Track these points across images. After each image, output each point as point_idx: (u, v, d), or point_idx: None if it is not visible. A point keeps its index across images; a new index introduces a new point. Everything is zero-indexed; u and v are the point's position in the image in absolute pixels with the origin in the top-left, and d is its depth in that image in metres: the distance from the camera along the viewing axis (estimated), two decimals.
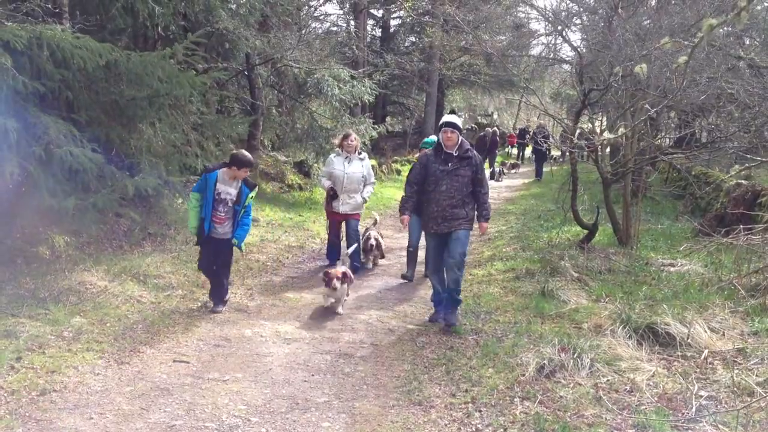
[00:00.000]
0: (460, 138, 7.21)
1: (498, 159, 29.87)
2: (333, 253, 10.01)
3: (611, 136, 5.98)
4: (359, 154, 10.01)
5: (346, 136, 9.95)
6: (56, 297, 7.04)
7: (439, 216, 7.14)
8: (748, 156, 7.37)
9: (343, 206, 9.80)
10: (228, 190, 7.29)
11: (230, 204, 7.31)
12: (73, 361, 5.71)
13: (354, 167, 9.84)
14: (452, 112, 8.23)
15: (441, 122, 7.21)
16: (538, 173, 24.88)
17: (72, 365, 5.63)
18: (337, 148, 10.05)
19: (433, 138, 9.21)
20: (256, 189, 7.51)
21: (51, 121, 7.14)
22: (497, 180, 24.50)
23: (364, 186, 10.00)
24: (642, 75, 3.45)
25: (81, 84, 7.89)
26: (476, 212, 7.37)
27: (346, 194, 9.78)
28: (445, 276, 7.32)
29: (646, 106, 8.01)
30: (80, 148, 7.20)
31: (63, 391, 5.14)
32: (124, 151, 8.89)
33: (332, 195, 9.79)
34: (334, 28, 27.32)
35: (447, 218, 7.11)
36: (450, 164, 7.11)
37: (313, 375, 5.91)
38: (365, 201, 10.11)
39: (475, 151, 7.29)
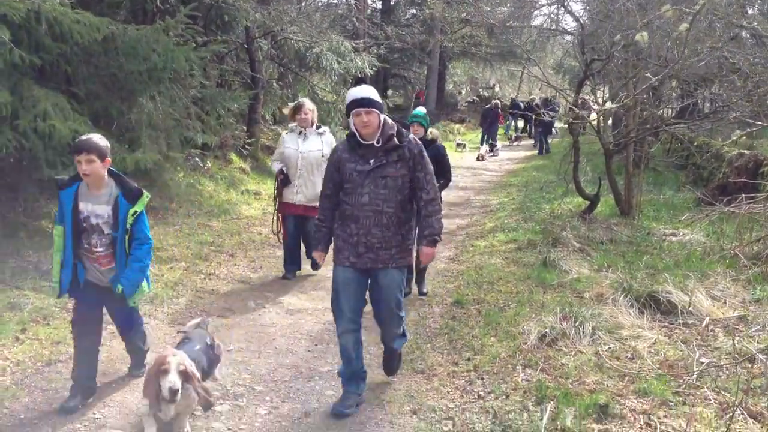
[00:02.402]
0: (383, 118, 4.63)
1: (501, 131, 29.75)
2: (292, 263, 7.99)
3: (613, 105, 5.93)
4: (318, 128, 7.83)
5: (298, 108, 7.78)
6: None
7: (361, 242, 4.60)
8: (750, 121, 7.34)
9: (297, 195, 7.70)
10: (96, 210, 4.45)
11: (107, 231, 4.48)
12: None
13: (311, 144, 7.70)
14: (360, 80, 4.98)
15: (348, 99, 4.64)
16: (541, 149, 23.66)
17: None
18: (291, 124, 8.00)
19: (422, 110, 7.55)
20: (144, 199, 4.50)
21: (49, 94, 7.13)
22: (494, 155, 24.00)
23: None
24: (643, 43, 3.43)
25: (79, 58, 7.85)
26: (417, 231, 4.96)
27: (301, 179, 7.68)
28: (381, 332, 5.08)
29: (648, 74, 7.95)
30: (71, 121, 7.16)
31: (68, 361, 5.16)
32: (124, 125, 8.88)
33: (283, 180, 7.73)
34: (334, 0, 27.11)
35: (372, 247, 4.60)
36: (372, 161, 4.58)
37: (316, 345, 5.95)
38: None
39: (411, 136, 4.79)
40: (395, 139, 4.61)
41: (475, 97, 39.77)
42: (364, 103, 4.52)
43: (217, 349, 4.68)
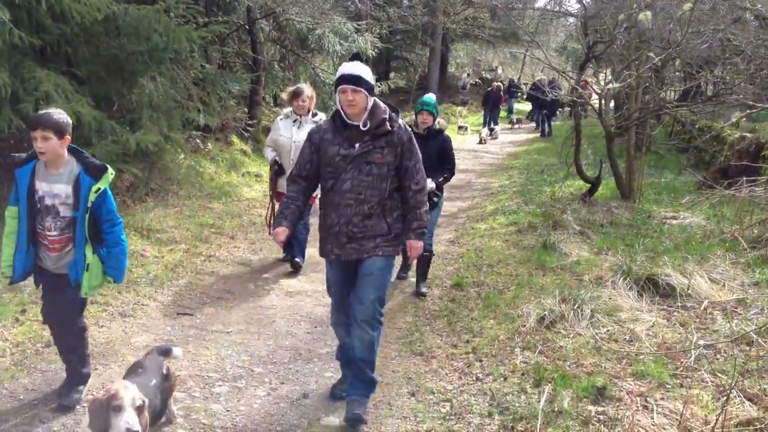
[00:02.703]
0: (372, 100, 4.28)
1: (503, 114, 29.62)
2: (290, 250, 7.52)
3: (616, 85, 5.89)
4: (314, 116, 7.37)
5: (296, 94, 7.29)
6: None
7: (342, 232, 4.28)
8: (751, 103, 7.31)
9: None
10: (53, 190, 4.08)
11: (64, 212, 4.12)
12: None
13: (305, 133, 6.57)
14: (356, 56, 4.40)
15: (337, 74, 4.34)
16: (543, 131, 23.46)
17: None
18: (287, 109, 7.59)
19: (432, 97, 7.02)
20: (109, 175, 4.09)
21: (46, 75, 7.10)
22: (494, 138, 23.59)
23: None
24: (647, 22, 3.41)
25: (80, 38, 7.82)
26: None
27: None
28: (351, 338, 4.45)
29: (650, 54, 7.91)
30: (73, 103, 7.15)
31: None
32: (125, 106, 8.86)
33: (277, 170, 7.37)
34: None
35: (355, 236, 4.28)
36: (357, 145, 4.24)
37: (315, 327, 5.97)
38: None
39: (401, 121, 4.42)
40: (387, 124, 4.26)
41: (477, 80, 39.58)
42: (352, 80, 4.19)
43: (171, 379, 3.99)
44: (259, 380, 4.86)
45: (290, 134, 7.23)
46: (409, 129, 4.41)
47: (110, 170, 4.10)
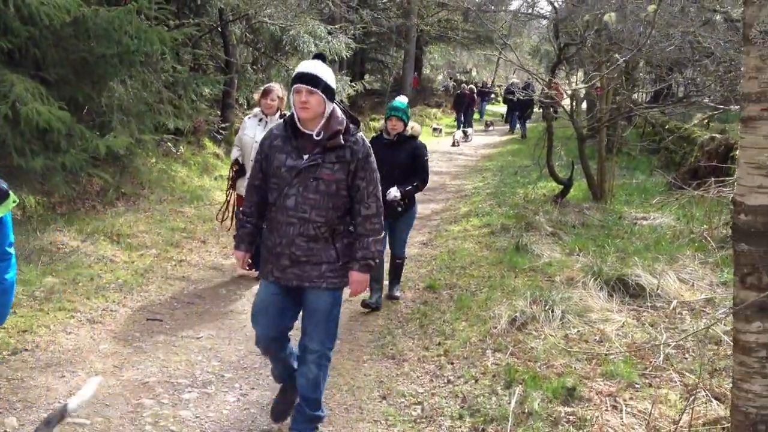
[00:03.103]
0: (331, 107, 3.79)
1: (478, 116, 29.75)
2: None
3: (581, 86, 5.95)
4: (282, 116, 6.60)
5: (266, 92, 6.92)
6: (27, 257, 6.97)
7: (284, 254, 3.77)
8: (713, 105, 7.40)
9: None
10: None
11: None
12: (44, 320, 5.67)
13: None
14: (318, 56, 3.91)
15: (295, 72, 3.78)
16: (524, 134, 23.26)
17: (44, 324, 5.59)
18: (257, 108, 7.13)
19: (404, 100, 6.64)
20: (10, 203, 3.11)
21: (17, 78, 7.01)
22: (467, 140, 23.35)
23: None
24: (611, 24, 3.44)
25: (49, 41, 7.72)
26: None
27: None
28: (296, 374, 4.07)
29: (616, 56, 7.98)
30: (47, 105, 7.08)
31: (35, 350, 5.13)
32: (95, 110, 8.78)
33: (237, 171, 7.06)
34: None
35: (297, 260, 3.76)
36: (306, 157, 3.72)
37: None
38: None
39: (359, 135, 3.84)
40: (340, 137, 3.73)
41: (452, 81, 39.71)
42: (309, 79, 3.67)
43: None
44: (229, 386, 4.82)
45: (254, 134, 6.82)
46: (368, 145, 3.85)
47: (13, 197, 3.14)
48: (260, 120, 6.96)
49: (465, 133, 23.81)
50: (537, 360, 5.00)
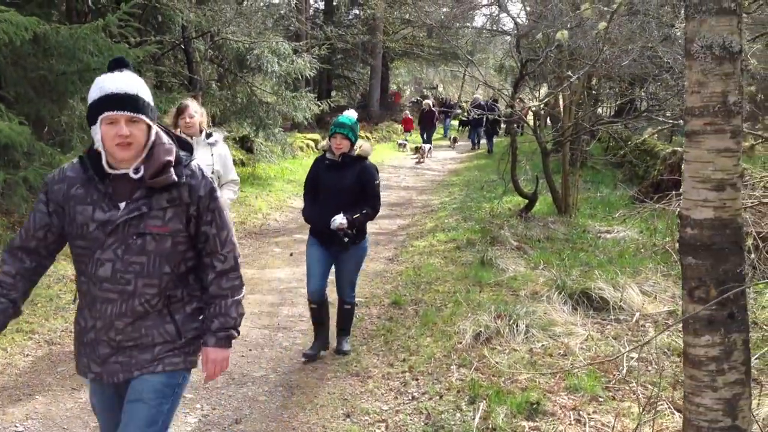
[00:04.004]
0: (154, 132, 2.68)
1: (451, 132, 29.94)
2: None
3: (538, 102, 6.01)
4: (208, 136, 5.81)
5: (180, 111, 5.73)
6: None
7: (100, 341, 2.69)
8: (662, 119, 7.51)
9: None
10: None
11: None
12: (1, 342, 5.54)
13: (199, 157, 4.16)
14: (119, 62, 2.69)
15: (94, 92, 2.63)
16: (491, 149, 23.71)
17: (0, 347, 5.46)
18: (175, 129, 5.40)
19: (350, 115, 5.63)
20: None
21: None
22: (427, 157, 22.80)
23: (220, 187, 5.59)
24: (564, 41, 3.48)
25: (8, 59, 7.62)
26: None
27: None
28: None
29: (569, 73, 8.08)
30: (6, 122, 6.96)
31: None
32: (54, 128, 8.66)
33: None
34: (276, 1, 26.90)
35: (120, 346, 2.68)
36: (123, 205, 2.62)
37: (250, 350, 5.86)
38: None
39: (195, 163, 2.77)
40: (171, 171, 2.64)
41: (418, 98, 39.92)
42: (126, 102, 2.56)
43: None
44: (190, 406, 4.73)
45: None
46: (209, 177, 2.78)
47: None
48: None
49: (427, 149, 23.23)
50: (501, 375, 4.99)
